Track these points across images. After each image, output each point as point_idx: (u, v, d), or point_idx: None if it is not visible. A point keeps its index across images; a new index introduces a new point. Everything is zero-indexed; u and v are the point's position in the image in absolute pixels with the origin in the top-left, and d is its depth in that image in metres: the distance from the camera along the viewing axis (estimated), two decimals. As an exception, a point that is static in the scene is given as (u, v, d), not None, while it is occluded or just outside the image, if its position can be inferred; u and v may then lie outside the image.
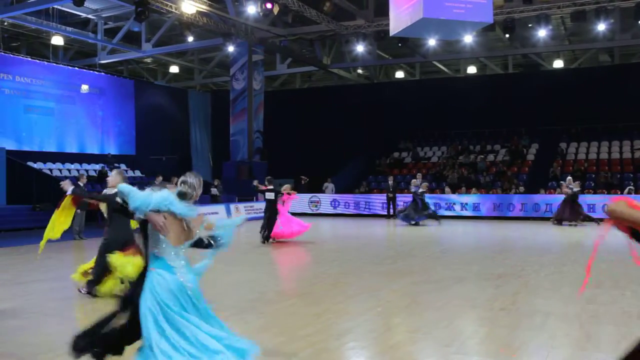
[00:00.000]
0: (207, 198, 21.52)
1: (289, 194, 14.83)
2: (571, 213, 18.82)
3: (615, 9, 21.07)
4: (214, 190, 23.33)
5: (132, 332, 3.96)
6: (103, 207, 7.96)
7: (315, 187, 26.10)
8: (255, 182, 16.40)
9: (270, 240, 14.34)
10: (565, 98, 27.28)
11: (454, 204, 22.57)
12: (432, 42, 24.60)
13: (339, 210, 24.22)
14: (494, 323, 6.24)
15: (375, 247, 14.08)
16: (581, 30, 24.42)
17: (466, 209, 22.29)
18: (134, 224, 7.45)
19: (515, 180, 23.96)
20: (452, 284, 8.47)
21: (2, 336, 5.96)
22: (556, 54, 28.78)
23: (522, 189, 22.91)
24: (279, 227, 14.26)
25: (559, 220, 18.97)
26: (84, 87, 26.60)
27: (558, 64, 29.44)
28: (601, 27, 21.18)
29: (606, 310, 6.75)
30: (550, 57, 29.36)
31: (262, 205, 23.95)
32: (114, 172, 7.76)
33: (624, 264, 10.31)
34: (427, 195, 20.29)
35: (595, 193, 21.76)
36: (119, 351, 4.10)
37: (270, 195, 14.52)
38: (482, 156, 26.88)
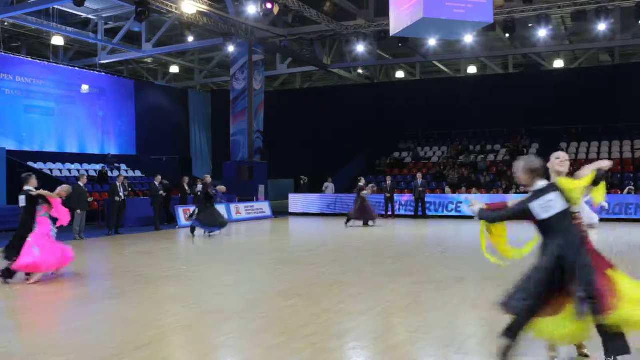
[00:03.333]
0: (191, 198, 21.22)
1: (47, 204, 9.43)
2: (361, 212, 18.85)
3: (615, 9, 21.06)
4: (199, 188, 21.90)
5: None
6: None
7: (315, 187, 26.09)
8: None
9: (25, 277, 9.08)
10: (565, 98, 27.29)
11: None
12: (432, 42, 24.61)
13: (337, 210, 24.16)
14: (495, 323, 6.23)
15: (375, 247, 14.08)
16: (581, 30, 24.41)
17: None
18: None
19: (516, 180, 23.94)
20: (453, 283, 8.47)
21: (2, 336, 5.96)
22: (556, 53, 28.78)
23: (522, 188, 22.90)
24: (33, 252, 8.90)
25: (354, 219, 18.91)
26: (84, 87, 26.61)
27: (558, 63, 29.45)
28: (601, 27, 21.17)
29: (606, 310, 6.72)
30: (551, 57, 29.37)
31: (262, 205, 24.14)
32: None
33: (624, 264, 10.31)
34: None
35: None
36: None
37: (21, 201, 9.44)
38: (482, 156, 26.88)
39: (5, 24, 23.21)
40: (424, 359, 5.27)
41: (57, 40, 24.74)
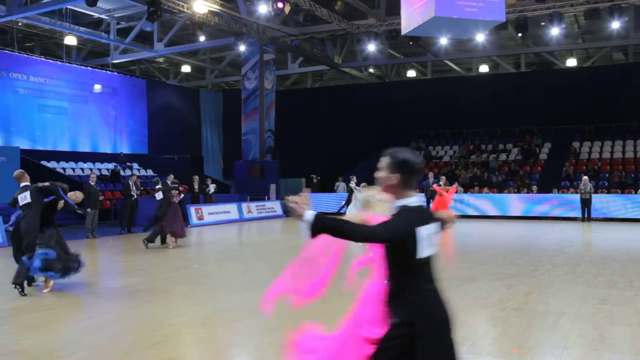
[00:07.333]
0: (202, 197, 21.27)
1: None
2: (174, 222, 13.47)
3: (629, 7, 20.86)
4: (212, 188, 21.78)
5: None
6: None
7: (327, 187, 26.08)
8: None
9: None
10: (578, 97, 27.08)
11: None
12: (443, 41, 24.50)
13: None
14: (507, 323, 6.21)
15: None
16: (595, 29, 24.19)
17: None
18: None
19: (528, 180, 23.82)
20: (464, 283, 8.44)
21: (16, 334, 6.02)
22: (569, 52, 28.57)
23: (535, 188, 22.75)
24: None
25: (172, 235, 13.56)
26: (97, 87, 26.76)
27: (571, 62, 29.23)
28: (615, 25, 20.98)
29: (620, 311, 6.69)
30: (563, 55, 29.16)
31: (274, 205, 24.16)
32: None
33: (638, 265, 10.22)
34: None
35: (609, 193, 21.59)
36: None
37: None
38: (494, 155, 26.76)
39: (19, 24, 23.40)
40: (436, 358, 5.25)
41: (70, 40, 24.90)
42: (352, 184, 20.03)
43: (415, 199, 2.87)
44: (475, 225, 19.20)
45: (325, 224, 2.64)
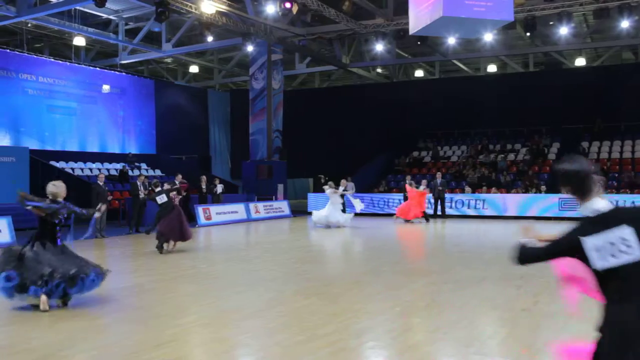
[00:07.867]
0: (210, 197, 21.34)
1: None
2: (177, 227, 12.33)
3: (639, 6, 20.73)
4: (220, 188, 21.81)
5: None
6: None
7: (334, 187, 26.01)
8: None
9: None
10: (587, 96, 26.94)
11: None
12: (451, 40, 24.42)
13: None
14: (515, 324, 6.18)
15: (394, 246, 14.02)
16: (604, 28, 24.05)
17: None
18: None
19: (536, 179, 23.71)
20: (472, 284, 8.40)
21: (26, 333, 6.04)
22: (578, 52, 28.43)
23: (543, 188, 22.62)
24: None
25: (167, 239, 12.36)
26: (105, 87, 26.88)
27: (580, 62, 29.08)
28: (624, 24, 20.84)
29: (630, 312, 6.63)
30: (572, 55, 29.02)
31: (281, 205, 24.18)
32: None
33: None
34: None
35: (618, 192, 21.45)
36: None
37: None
38: (502, 155, 26.66)
39: (29, 25, 23.53)
40: (444, 359, 5.24)
41: (79, 41, 25.01)
42: (331, 188, 19.60)
43: (593, 204, 2.84)
44: (483, 225, 19.13)
45: (521, 255, 2.99)
